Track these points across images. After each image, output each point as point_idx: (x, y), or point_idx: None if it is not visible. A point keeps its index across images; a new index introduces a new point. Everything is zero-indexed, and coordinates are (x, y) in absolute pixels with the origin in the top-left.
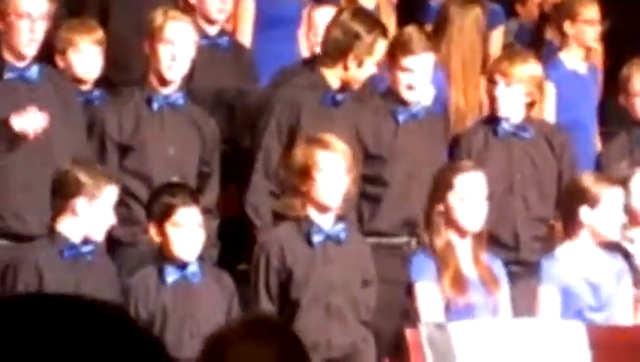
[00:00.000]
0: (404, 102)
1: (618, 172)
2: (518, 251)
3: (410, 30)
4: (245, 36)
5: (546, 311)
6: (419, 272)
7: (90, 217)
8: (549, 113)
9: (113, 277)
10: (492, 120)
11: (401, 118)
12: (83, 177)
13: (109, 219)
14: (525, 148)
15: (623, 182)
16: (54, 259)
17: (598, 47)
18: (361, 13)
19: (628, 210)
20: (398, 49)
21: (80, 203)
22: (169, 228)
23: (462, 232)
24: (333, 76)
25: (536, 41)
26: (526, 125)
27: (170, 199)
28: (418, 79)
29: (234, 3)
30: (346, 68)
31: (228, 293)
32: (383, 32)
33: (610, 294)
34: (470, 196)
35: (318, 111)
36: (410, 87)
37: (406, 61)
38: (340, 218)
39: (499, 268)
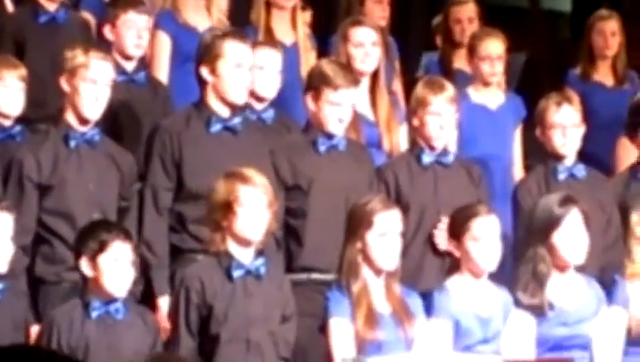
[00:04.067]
0: (326, 135)
1: (553, 209)
2: None
3: (334, 65)
4: (161, 71)
5: (438, 344)
6: (334, 308)
7: None
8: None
9: (21, 317)
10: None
11: (322, 148)
12: None
13: (5, 247)
14: (448, 176)
15: (557, 221)
16: None
17: (500, 82)
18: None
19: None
20: (322, 83)
21: None
22: (103, 261)
23: (378, 271)
24: (212, 100)
25: (446, 72)
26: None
27: (107, 234)
28: (345, 113)
29: (149, 38)
30: (202, 81)
31: (151, 330)
32: (235, 34)
33: (498, 328)
34: (390, 234)
35: (206, 139)
36: (340, 121)
37: (332, 96)
38: (259, 252)
39: (415, 302)
